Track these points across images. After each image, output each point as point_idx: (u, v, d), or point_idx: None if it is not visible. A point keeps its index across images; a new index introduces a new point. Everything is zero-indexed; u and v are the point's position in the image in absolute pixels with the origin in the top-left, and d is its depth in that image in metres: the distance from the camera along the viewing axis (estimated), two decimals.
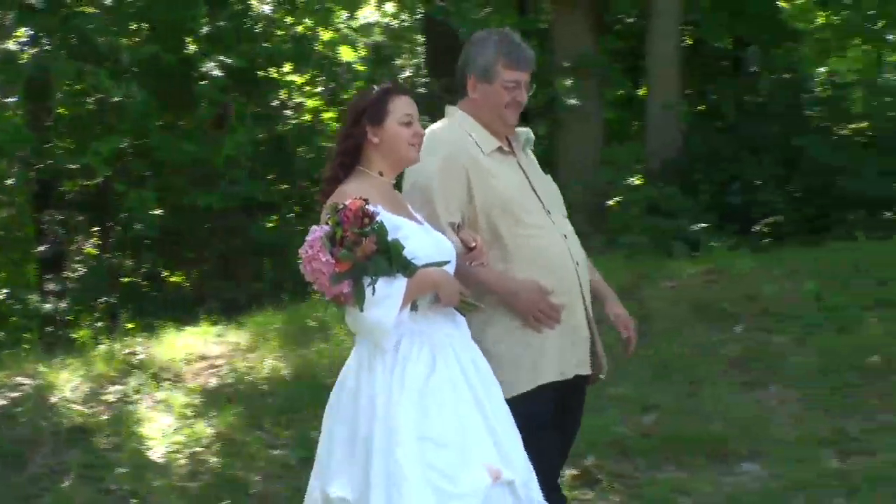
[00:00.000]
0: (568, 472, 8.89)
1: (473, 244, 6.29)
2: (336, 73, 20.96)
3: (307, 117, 20.26)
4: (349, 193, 5.96)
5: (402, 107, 6.21)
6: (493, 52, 6.83)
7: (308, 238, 5.86)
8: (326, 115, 20.57)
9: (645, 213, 15.56)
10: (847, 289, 11.87)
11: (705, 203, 15.26)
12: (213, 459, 9.64)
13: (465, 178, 6.65)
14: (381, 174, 6.22)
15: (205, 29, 18.46)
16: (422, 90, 21.09)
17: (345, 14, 20.69)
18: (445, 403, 5.97)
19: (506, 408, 6.22)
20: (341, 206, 5.82)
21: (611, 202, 16.40)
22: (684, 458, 9.59)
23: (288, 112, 20.26)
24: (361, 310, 5.84)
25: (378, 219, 5.83)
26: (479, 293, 6.43)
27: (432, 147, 6.48)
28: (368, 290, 5.80)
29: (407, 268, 5.89)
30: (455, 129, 6.79)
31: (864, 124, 15.59)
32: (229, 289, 17.61)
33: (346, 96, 20.54)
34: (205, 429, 9.98)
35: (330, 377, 10.61)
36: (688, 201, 15.25)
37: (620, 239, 14.96)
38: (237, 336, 11.76)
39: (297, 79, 20.48)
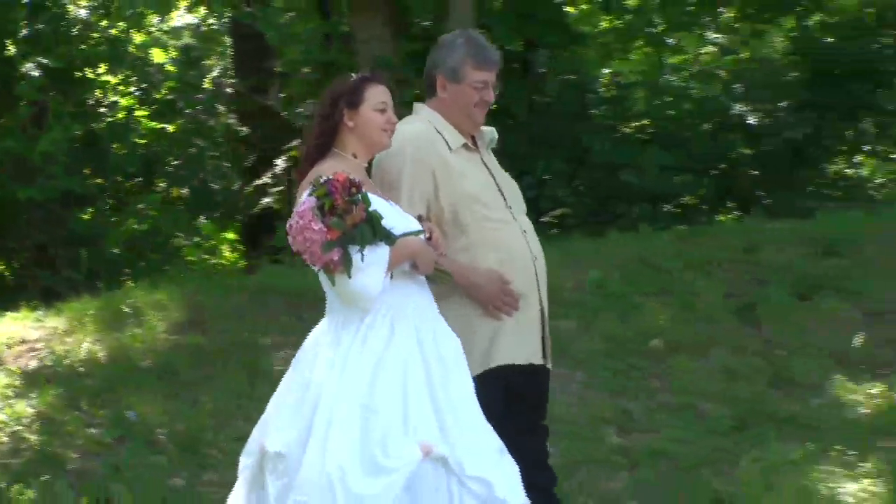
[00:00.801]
0: None
1: (428, 235, 6.26)
2: (148, 74, 20.93)
3: (121, 115, 20.15)
4: (326, 171, 5.99)
5: (377, 94, 6.28)
6: (461, 53, 6.88)
7: (297, 210, 5.89)
8: (139, 114, 20.48)
9: None
10: (629, 277, 12.05)
11: None
12: (33, 437, 9.57)
13: (432, 174, 6.68)
14: (354, 156, 6.27)
15: (24, 31, 18.36)
16: (229, 90, 21.12)
17: (156, 18, 20.59)
18: (395, 376, 5.98)
19: (467, 384, 6.23)
20: (325, 179, 5.86)
21: None
22: None
23: (103, 110, 20.16)
24: (350, 276, 5.87)
25: (364, 189, 5.90)
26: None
27: (401, 142, 6.51)
28: (357, 257, 5.84)
29: (388, 237, 5.94)
30: (424, 125, 6.81)
31: (646, 122, 15.88)
32: (47, 277, 17.51)
33: (157, 95, 20.53)
34: (25, 408, 9.91)
35: (143, 360, 10.66)
36: None
37: None
38: (56, 321, 11.68)
39: (112, 79, 20.36)
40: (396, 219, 6.08)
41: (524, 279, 6.84)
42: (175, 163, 20.71)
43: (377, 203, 6.00)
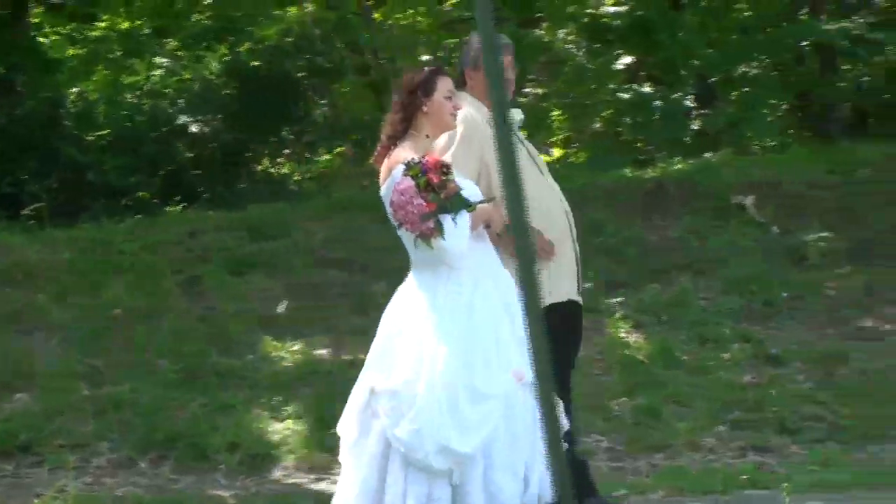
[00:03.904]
0: None
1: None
2: None
3: None
4: (406, 150, 6.00)
5: (446, 84, 6.26)
6: (476, 45, 6.94)
7: (399, 187, 5.84)
8: None
9: None
10: (96, 258, 11.95)
11: None
12: None
13: (479, 148, 6.69)
14: (427, 136, 6.21)
15: None
16: None
17: None
18: (485, 318, 5.93)
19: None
20: (416, 161, 5.83)
21: None
22: None
23: None
24: (445, 240, 5.83)
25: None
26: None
27: (457, 123, 6.48)
28: (449, 224, 5.81)
29: (470, 205, 5.92)
30: (471, 110, 6.78)
31: (107, 131, 15.80)
32: None
33: None
34: None
35: None
36: None
37: None
38: None
39: None
40: (471, 189, 6.11)
41: (560, 230, 6.94)
42: None
43: (459, 179, 6.00)
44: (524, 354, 5.90)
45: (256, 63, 16.98)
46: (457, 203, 5.90)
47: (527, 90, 17.68)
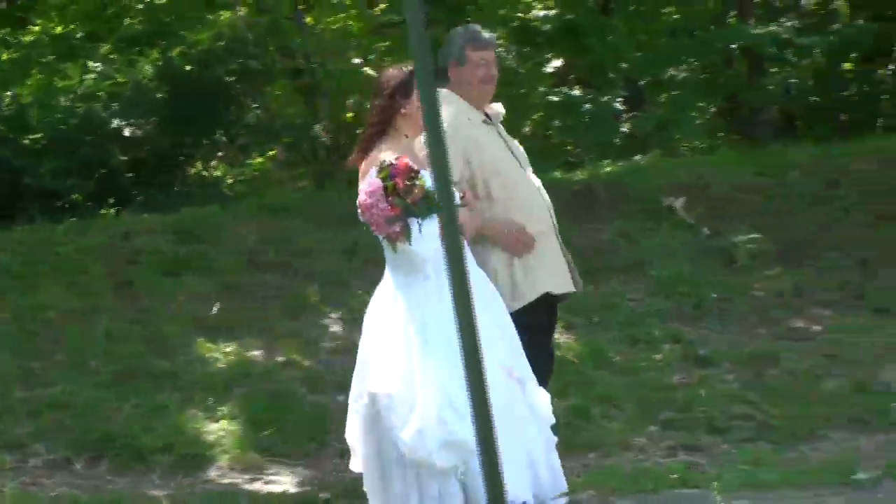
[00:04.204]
0: None
1: (462, 195, 6.22)
2: None
3: None
4: (386, 152, 5.97)
5: None
6: (459, 41, 6.88)
7: (367, 189, 5.81)
8: None
9: None
10: (31, 260, 11.84)
11: None
12: None
13: (463, 147, 6.61)
14: (406, 136, 6.18)
15: None
16: None
17: None
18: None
19: (508, 319, 6.18)
20: (388, 164, 5.79)
21: None
22: None
23: None
24: (411, 244, 5.83)
25: (421, 172, 5.79)
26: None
27: None
28: (415, 229, 5.81)
29: (438, 210, 5.68)
30: (453, 108, 6.65)
31: (40, 135, 15.69)
32: None
33: None
34: None
35: None
36: None
37: None
38: None
39: None
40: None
41: (542, 223, 6.89)
42: None
43: (429, 180, 5.85)
44: (510, 350, 6.09)
45: (189, 67, 16.89)
46: (422, 208, 5.91)
47: None
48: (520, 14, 17.12)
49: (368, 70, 17.32)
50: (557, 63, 17.47)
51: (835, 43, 16.65)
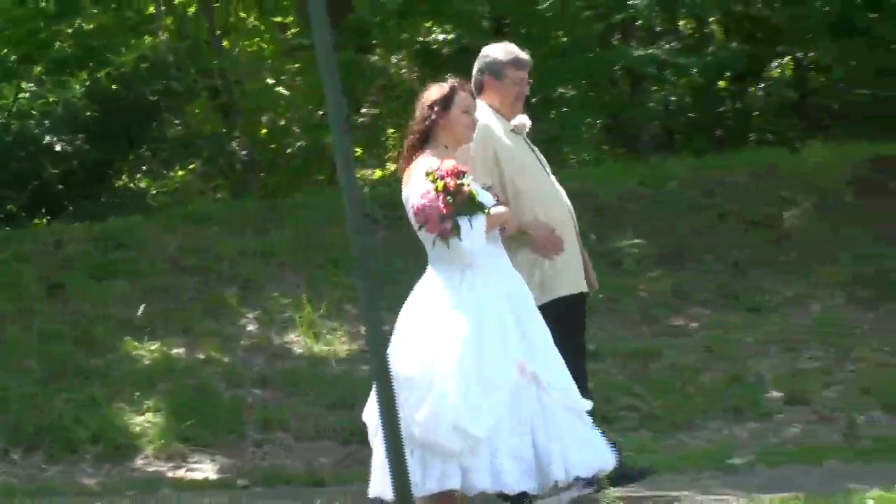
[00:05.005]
0: None
1: (496, 197, 6.24)
2: None
3: None
4: (430, 160, 5.95)
5: (464, 99, 6.19)
6: (501, 57, 6.89)
7: (421, 192, 5.83)
8: None
9: None
10: None
11: None
12: None
13: (493, 153, 6.72)
14: (446, 147, 6.14)
15: None
16: None
17: None
18: (495, 315, 5.94)
19: (540, 317, 6.14)
20: (434, 168, 5.83)
21: None
22: None
23: None
24: (461, 240, 5.83)
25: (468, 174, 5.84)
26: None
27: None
28: (466, 226, 5.81)
29: (485, 208, 5.90)
30: (487, 120, 6.71)
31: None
32: None
33: None
34: None
35: None
36: None
37: None
38: None
39: None
40: (485, 194, 6.05)
41: (566, 226, 6.91)
42: None
43: (474, 184, 5.97)
44: (528, 349, 6.04)
45: (115, 87, 16.86)
46: (471, 206, 5.95)
47: (364, 111, 17.81)
48: (420, 38, 17.24)
49: (281, 89, 17.43)
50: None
51: (710, 64, 16.86)
